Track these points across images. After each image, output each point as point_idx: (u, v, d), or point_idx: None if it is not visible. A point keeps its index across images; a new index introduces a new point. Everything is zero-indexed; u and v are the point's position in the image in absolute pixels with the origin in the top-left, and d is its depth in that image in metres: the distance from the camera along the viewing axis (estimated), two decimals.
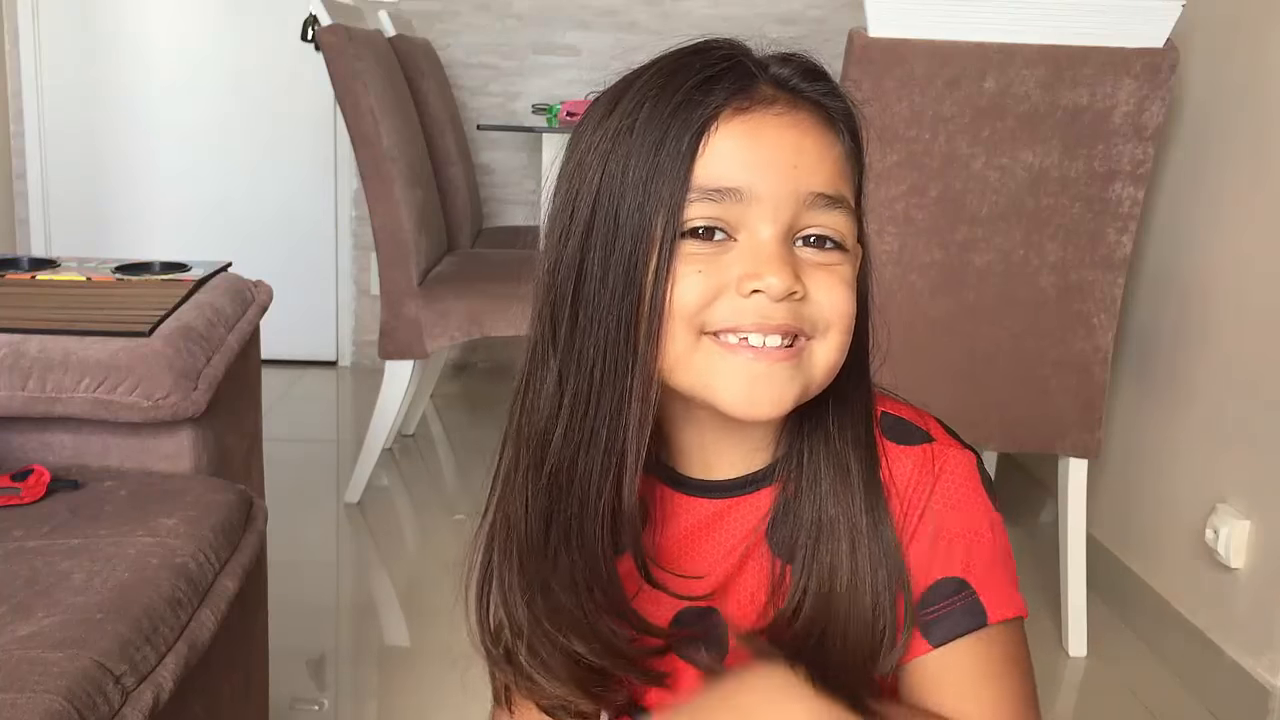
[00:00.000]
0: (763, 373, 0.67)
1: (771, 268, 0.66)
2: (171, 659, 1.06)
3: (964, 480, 0.73)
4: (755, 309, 0.67)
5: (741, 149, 0.67)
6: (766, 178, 0.67)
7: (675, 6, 3.68)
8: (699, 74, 0.68)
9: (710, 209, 0.67)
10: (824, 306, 0.68)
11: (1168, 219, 2.16)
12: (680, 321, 0.68)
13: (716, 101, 0.67)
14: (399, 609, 2.28)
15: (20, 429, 1.40)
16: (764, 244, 0.67)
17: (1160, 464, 2.15)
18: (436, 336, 2.56)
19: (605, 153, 0.69)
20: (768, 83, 0.69)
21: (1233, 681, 1.85)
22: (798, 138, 0.68)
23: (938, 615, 0.71)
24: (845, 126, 0.71)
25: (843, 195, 0.69)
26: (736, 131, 0.67)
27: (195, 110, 3.78)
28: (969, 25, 1.83)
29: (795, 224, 0.68)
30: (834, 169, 0.69)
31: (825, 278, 0.69)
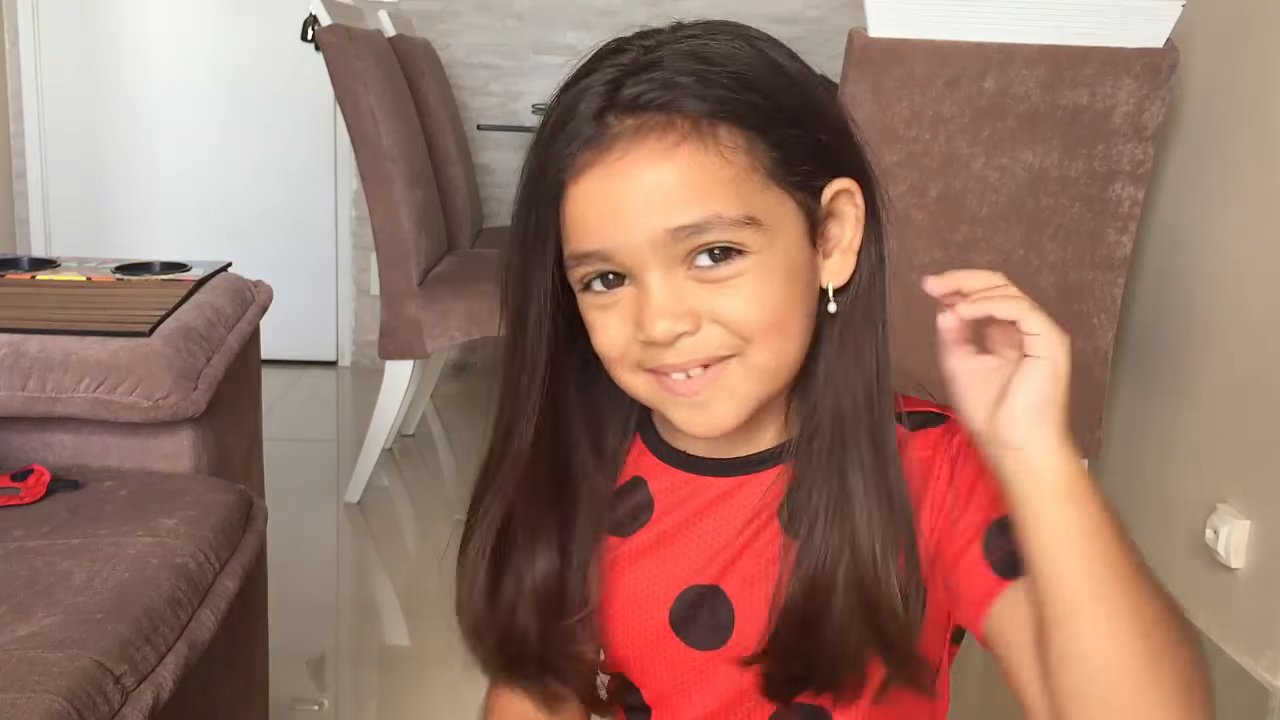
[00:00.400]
0: (698, 403, 0.70)
1: (650, 316, 0.67)
2: (171, 659, 1.06)
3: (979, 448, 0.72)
4: (660, 354, 0.68)
5: (590, 211, 0.67)
6: (619, 234, 0.67)
7: (675, 6, 3.68)
8: (553, 123, 0.69)
9: (587, 268, 0.69)
10: (726, 325, 0.68)
11: (1168, 219, 2.16)
12: (614, 364, 0.71)
13: (564, 164, 0.67)
14: (399, 609, 2.28)
15: (20, 429, 1.40)
16: (645, 291, 0.68)
17: (1160, 464, 2.15)
18: (436, 336, 2.56)
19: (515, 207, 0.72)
20: (618, 113, 0.67)
21: (1233, 681, 1.85)
22: (648, 177, 0.66)
23: (1007, 550, 0.69)
24: (726, 120, 0.67)
25: (711, 216, 0.66)
26: (583, 193, 0.67)
27: (195, 110, 3.78)
28: (969, 25, 1.83)
29: (674, 256, 0.67)
30: (697, 190, 0.66)
31: (725, 298, 0.67)
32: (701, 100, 0.66)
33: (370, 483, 2.66)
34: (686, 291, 0.67)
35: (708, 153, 0.66)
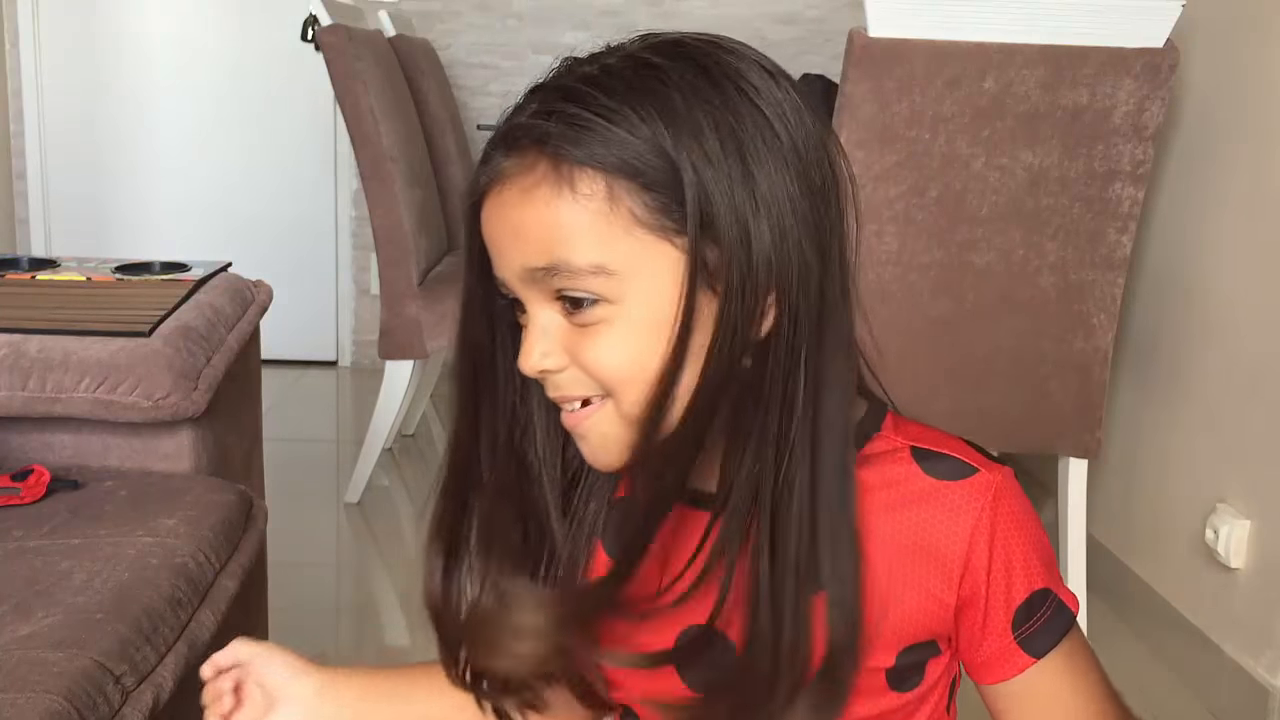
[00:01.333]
0: (584, 437, 0.70)
1: (523, 351, 0.69)
2: (171, 659, 1.06)
3: (1016, 496, 0.72)
4: (546, 384, 0.70)
5: (487, 240, 0.69)
6: (497, 263, 0.69)
7: (675, 6, 3.68)
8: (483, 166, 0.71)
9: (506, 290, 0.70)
10: (590, 370, 0.67)
11: (1168, 219, 2.16)
12: None
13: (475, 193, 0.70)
14: (399, 609, 2.28)
15: (20, 429, 1.40)
16: (529, 326, 0.69)
17: (1160, 464, 2.15)
18: (436, 336, 2.56)
19: None
20: (505, 148, 0.69)
21: (1233, 681, 1.85)
22: (501, 217, 0.68)
23: (1036, 629, 0.72)
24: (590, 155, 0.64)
25: (556, 262, 0.65)
26: (482, 222, 0.69)
27: (195, 110, 3.78)
28: (969, 25, 1.83)
29: (545, 292, 0.67)
30: (543, 236, 0.65)
31: (587, 340, 0.67)
32: (564, 141, 0.65)
33: (370, 483, 2.66)
34: (559, 329, 0.68)
35: (560, 197, 0.65)
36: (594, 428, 0.69)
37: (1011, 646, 0.72)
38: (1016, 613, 0.71)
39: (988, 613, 0.72)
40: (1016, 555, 0.71)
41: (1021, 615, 0.71)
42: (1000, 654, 0.72)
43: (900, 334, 1.93)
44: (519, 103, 0.70)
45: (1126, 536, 2.26)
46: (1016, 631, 0.72)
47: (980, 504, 0.70)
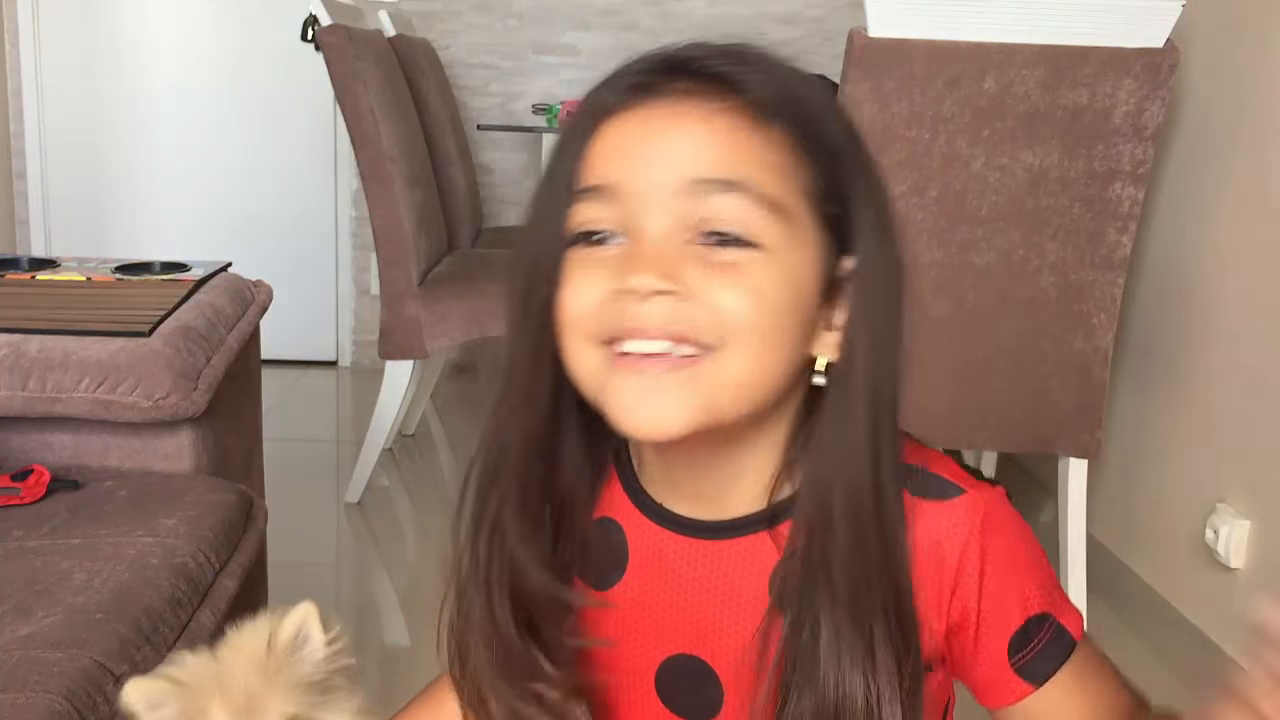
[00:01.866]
0: (650, 387, 0.63)
1: (639, 265, 0.62)
2: None
3: (1007, 518, 0.70)
4: (631, 312, 0.62)
5: (620, 144, 0.64)
6: (639, 169, 0.63)
7: (675, 6, 3.68)
8: (614, 80, 0.66)
9: (590, 211, 0.64)
10: (714, 311, 0.62)
11: (1168, 219, 2.16)
12: (576, 334, 0.65)
13: (610, 103, 0.65)
14: (399, 609, 2.28)
15: (20, 429, 1.40)
16: (642, 241, 0.63)
17: (1160, 464, 2.15)
18: (436, 336, 2.56)
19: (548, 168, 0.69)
20: (667, 74, 0.64)
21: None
22: (684, 123, 0.63)
23: (1033, 655, 0.70)
24: (777, 114, 0.64)
25: (739, 178, 0.62)
26: (619, 128, 0.64)
27: (195, 110, 3.78)
28: (969, 25, 1.83)
29: (686, 218, 0.62)
30: (729, 152, 0.62)
31: (719, 279, 0.62)
32: (768, 89, 0.64)
33: (370, 483, 2.66)
34: (684, 257, 0.62)
35: (755, 133, 0.63)
36: (682, 379, 0.63)
37: (1008, 673, 0.70)
38: (1012, 639, 0.70)
39: (979, 638, 0.70)
40: (1010, 579, 0.69)
41: (1018, 641, 0.70)
42: (998, 680, 0.70)
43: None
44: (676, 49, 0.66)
45: (1126, 536, 2.26)
46: (1013, 658, 0.70)
47: (968, 526, 0.69)
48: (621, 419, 0.64)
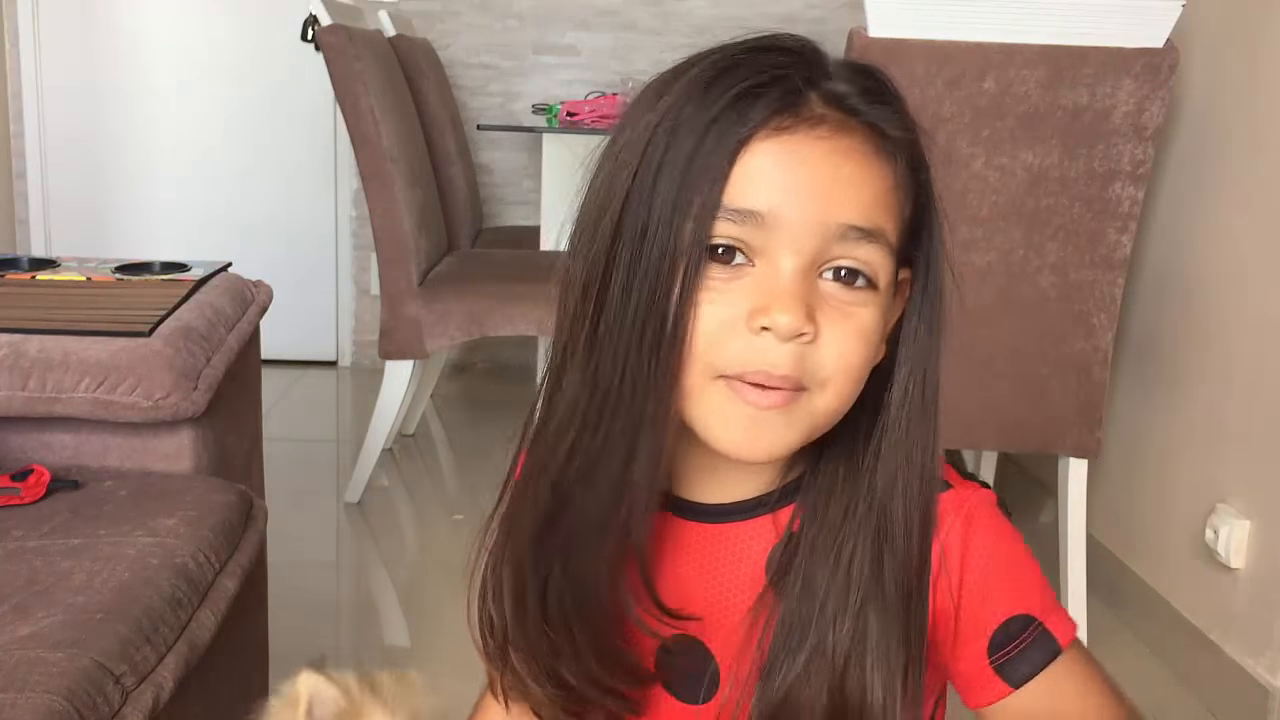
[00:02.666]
0: (756, 418, 0.64)
1: (782, 303, 0.62)
2: (171, 659, 1.06)
3: (993, 518, 0.71)
4: (762, 355, 0.63)
5: (773, 170, 0.63)
6: (794, 203, 0.63)
7: (675, 6, 3.68)
8: (745, 81, 0.64)
9: (731, 229, 0.63)
10: (831, 357, 0.64)
11: (1168, 219, 2.16)
12: (692, 356, 0.65)
13: (757, 118, 0.63)
14: (399, 609, 2.28)
15: (20, 429, 1.40)
16: (780, 275, 0.63)
17: (1160, 464, 2.15)
18: (436, 336, 2.56)
19: (640, 153, 0.65)
20: (820, 98, 0.64)
21: (1233, 681, 1.85)
22: (838, 163, 0.63)
23: (1013, 654, 0.70)
24: (902, 156, 0.66)
25: (880, 228, 0.64)
26: (771, 151, 0.63)
27: (195, 110, 3.78)
28: (969, 25, 1.83)
29: (821, 255, 0.63)
30: (875, 200, 0.64)
31: (841, 325, 0.64)
32: (896, 127, 0.66)
33: (370, 483, 2.66)
34: (816, 297, 0.64)
35: (891, 175, 0.66)
36: (788, 413, 0.64)
37: (987, 672, 0.70)
38: (993, 637, 0.70)
39: (959, 633, 0.70)
40: (991, 579, 0.69)
41: (998, 640, 0.70)
42: (977, 679, 0.71)
43: None
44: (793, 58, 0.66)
45: (1126, 536, 2.26)
46: (993, 657, 0.70)
47: (950, 522, 0.69)
48: (718, 438, 0.66)
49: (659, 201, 0.64)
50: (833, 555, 0.68)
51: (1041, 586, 0.71)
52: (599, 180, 0.68)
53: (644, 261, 0.64)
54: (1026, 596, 0.70)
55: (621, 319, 0.65)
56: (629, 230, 0.65)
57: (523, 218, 3.75)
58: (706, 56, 0.66)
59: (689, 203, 0.63)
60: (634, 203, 0.65)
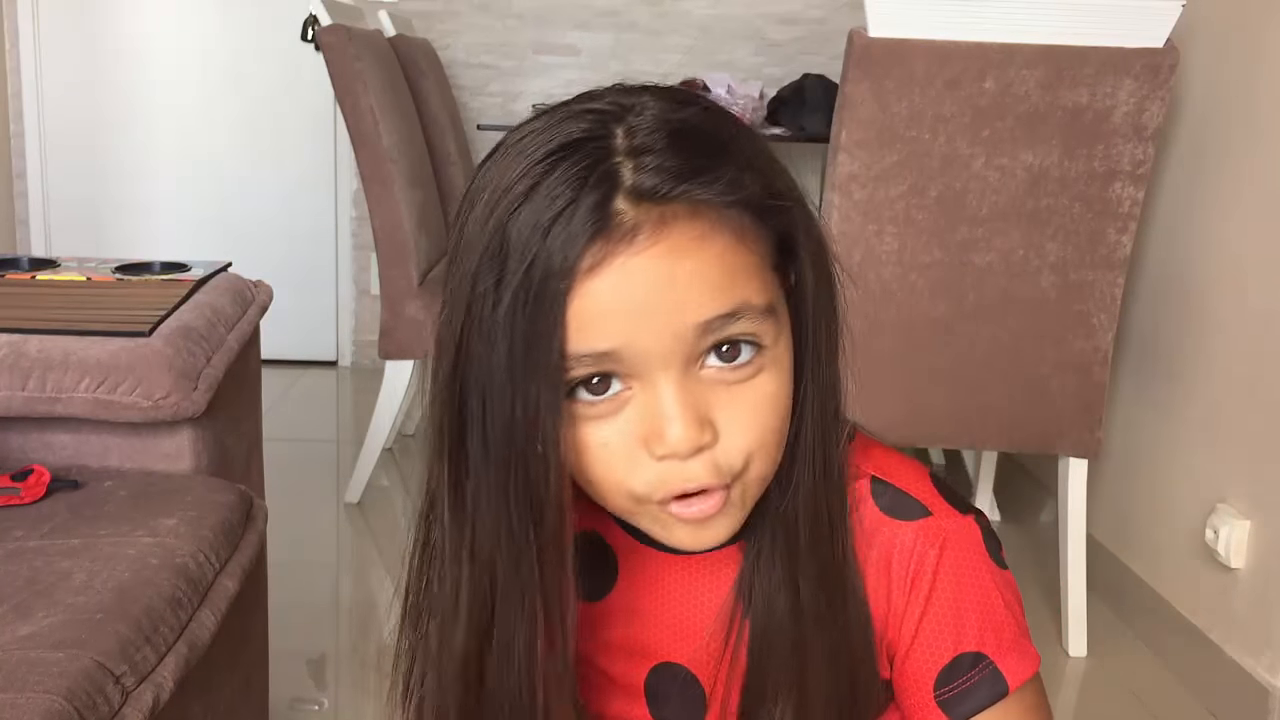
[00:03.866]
0: (704, 524, 0.64)
1: (671, 426, 0.60)
2: (171, 659, 1.06)
3: (968, 550, 0.70)
4: (675, 475, 0.62)
5: (606, 306, 0.59)
6: (641, 330, 0.59)
7: (675, 6, 3.68)
8: (548, 215, 0.59)
9: (591, 368, 0.60)
10: (743, 444, 0.62)
11: (1168, 219, 2.16)
12: (611, 492, 0.64)
13: (571, 258, 0.58)
14: (399, 609, 2.28)
15: (20, 429, 1.40)
16: (659, 397, 0.61)
17: (1160, 464, 2.15)
18: None
19: (464, 309, 0.61)
20: (627, 201, 0.59)
21: (1233, 681, 1.85)
22: (669, 267, 0.59)
23: (958, 691, 0.69)
24: (740, 209, 0.61)
25: (743, 303, 0.61)
26: (597, 289, 0.59)
27: (195, 110, 3.78)
28: (969, 25, 1.83)
29: (692, 354, 0.61)
30: (724, 279, 0.60)
31: (740, 406, 0.62)
32: (725, 192, 0.61)
33: (370, 483, 2.66)
34: (701, 397, 0.61)
35: (734, 239, 0.61)
36: (722, 516, 0.64)
37: (931, 705, 0.69)
38: (940, 673, 0.69)
39: (907, 662, 0.70)
40: (951, 612, 0.69)
41: (944, 676, 0.69)
42: (919, 710, 0.70)
43: (900, 334, 1.93)
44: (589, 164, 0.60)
45: (1126, 537, 2.26)
46: (938, 691, 0.69)
47: (921, 551, 0.69)
48: (671, 540, 0.66)
49: (499, 364, 0.61)
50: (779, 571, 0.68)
51: (1003, 624, 0.70)
52: (442, 318, 0.64)
53: (500, 425, 0.61)
54: (980, 633, 0.69)
55: (489, 487, 0.63)
56: (474, 389, 0.62)
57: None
58: (508, 173, 0.61)
59: (532, 362, 0.60)
60: (473, 361, 0.62)
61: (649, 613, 0.74)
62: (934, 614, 0.69)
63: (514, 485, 0.62)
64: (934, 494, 0.71)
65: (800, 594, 0.68)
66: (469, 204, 0.64)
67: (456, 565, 0.67)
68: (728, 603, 0.71)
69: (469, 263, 0.62)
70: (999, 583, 0.70)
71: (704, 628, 0.73)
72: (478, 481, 0.64)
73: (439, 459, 0.66)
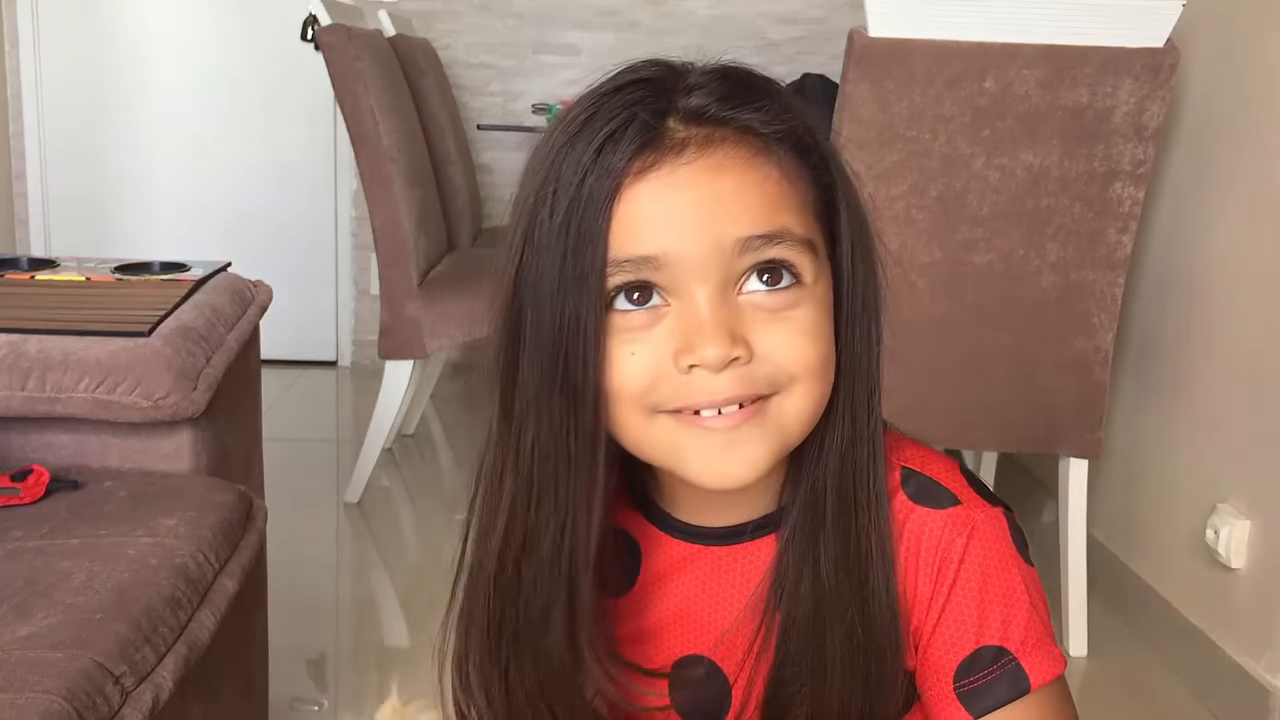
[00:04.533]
0: (727, 441, 0.64)
1: (703, 337, 0.61)
2: (171, 659, 1.06)
3: (996, 542, 0.69)
4: (700, 386, 0.62)
5: (651, 211, 0.62)
6: (682, 238, 0.62)
7: (676, 6, 3.68)
8: (602, 131, 0.63)
9: (631, 276, 0.63)
10: (780, 363, 0.63)
11: (1168, 219, 2.16)
12: (626, 405, 0.64)
13: (620, 165, 0.62)
14: (399, 609, 2.28)
15: (20, 429, 1.40)
16: (695, 310, 0.62)
17: (1160, 464, 2.15)
18: (436, 336, 2.56)
19: (525, 226, 0.65)
20: (679, 121, 0.63)
21: (1233, 681, 1.85)
22: (713, 181, 0.62)
23: (978, 684, 0.68)
24: (784, 147, 0.65)
25: (782, 228, 0.63)
26: (643, 194, 0.62)
27: (195, 110, 3.78)
28: (969, 25, 1.83)
29: (731, 273, 0.63)
30: (765, 203, 0.63)
31: (778, 330, 0.63)
32: (769, 121, 0.64)
33: (370, 483, 2.66)
34: (740, 316, 0.63)
35: (777, 170, 0.64)
36: (757, 425, 0.64)
37: (950, 697, 0.69)
38: (961, 664, 0.69)
39: (929, 650, 0.70)
40: (975, 602, 0.69)
41: (965, 667, 0.69)
42: (939, 701, 0.70)
43: (900, 334, 1.92)
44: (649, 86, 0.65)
45: (1127, 537, 2.26)
46: (958, 683, 0.69)
47: (950, 538, 0.69)
48: (697, 475, 0.65)
49: (549, 271, 0.63)
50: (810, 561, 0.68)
51: (1029, 621, 0.69)
52: (502, 251, 0.68)
53: (547, 330, 0.64)
54: (1004, 627, 0.69)
55: (535, 390, 0.65)
56: (528, 301, 0.65)
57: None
58: (573, 110, 0.66)
59: (579, 266, 0.62)
60: (527, 274, 0.65)
61: (673, 605, 0.74)
62: (957, 602, 0.69)
63: (557, 389, 0.64)
64: (964, 485, 0.71)
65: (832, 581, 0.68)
66: (538, 145, 0.68)
67: (500, 470, 0.68)
68: (758, 594, 0.71)
69: (531, 184, 0.66)
70: (1025, 578, 0.70)
71: (728, 620, 0.72)
72: (525, 388, 0.66)
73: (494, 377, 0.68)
